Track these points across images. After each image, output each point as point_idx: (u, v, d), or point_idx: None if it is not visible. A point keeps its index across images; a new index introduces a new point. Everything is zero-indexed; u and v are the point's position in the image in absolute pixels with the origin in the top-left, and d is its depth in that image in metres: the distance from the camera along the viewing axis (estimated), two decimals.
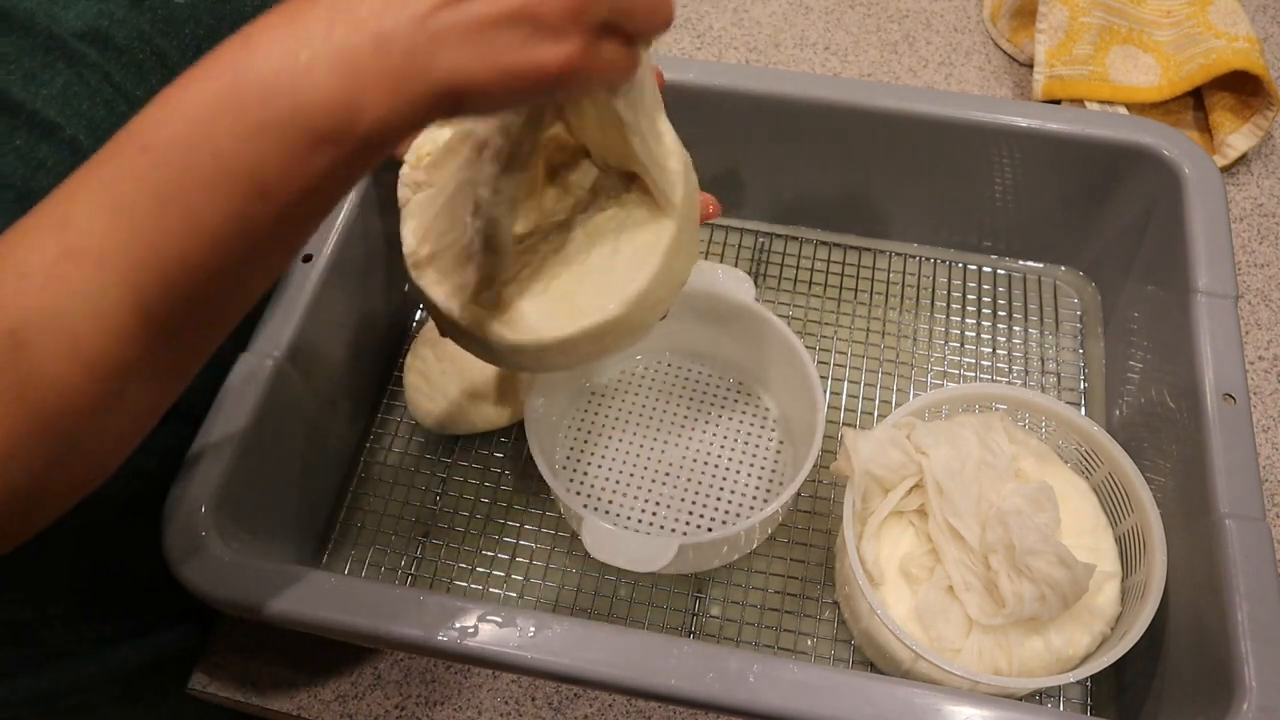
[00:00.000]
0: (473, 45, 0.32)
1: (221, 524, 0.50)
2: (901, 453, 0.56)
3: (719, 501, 0.64)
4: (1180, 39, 0.82)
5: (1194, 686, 0.50)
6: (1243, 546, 0.49)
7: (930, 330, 0.73)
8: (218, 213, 0.32)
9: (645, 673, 0.45)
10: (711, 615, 0.61)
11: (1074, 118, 0.66)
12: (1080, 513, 0.58)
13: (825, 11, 0.92)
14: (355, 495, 0.66)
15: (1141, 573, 0.55)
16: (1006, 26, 0.88)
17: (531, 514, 0.65)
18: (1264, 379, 0.70)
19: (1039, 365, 0.71)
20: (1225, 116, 0.80)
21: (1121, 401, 0.66)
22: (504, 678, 0.59)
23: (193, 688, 0.59)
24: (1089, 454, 0.60)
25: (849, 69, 0.88)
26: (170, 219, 0.31)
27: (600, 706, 0.58)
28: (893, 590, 0.56)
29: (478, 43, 0.32)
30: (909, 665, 0.54)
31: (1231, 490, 0.51)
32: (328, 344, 0.61)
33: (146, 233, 0.31)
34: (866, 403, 0.69)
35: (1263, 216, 0.78)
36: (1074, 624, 0.54)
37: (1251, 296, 0.74)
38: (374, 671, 0.59)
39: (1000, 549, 0.53)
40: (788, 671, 0.45)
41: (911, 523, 0.58)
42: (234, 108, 0.31)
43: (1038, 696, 0.58)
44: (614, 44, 0.34)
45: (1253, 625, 0.47)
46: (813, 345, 0.72)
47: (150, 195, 0.31)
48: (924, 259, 0.76)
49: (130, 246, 0.31)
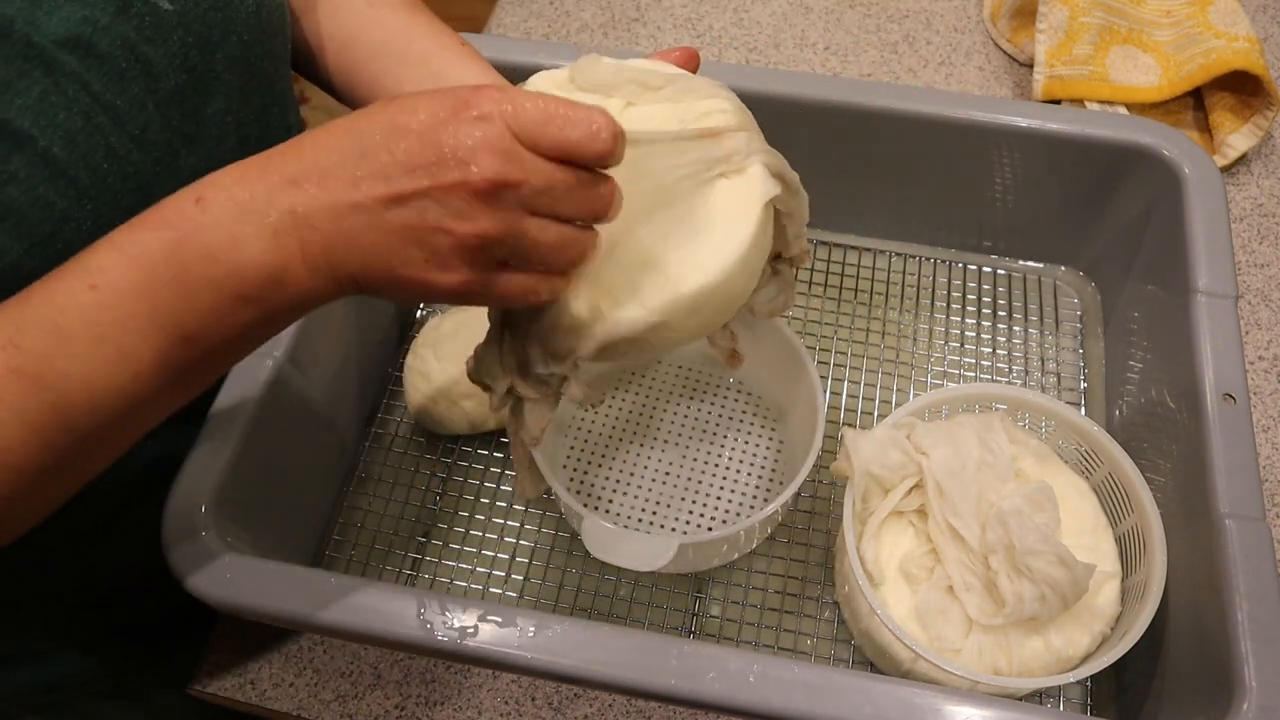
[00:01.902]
0: (377, 251, 0.36)
1: (221, 524, 0.50)
2: (901, 453, 0.56)
3: (719, 501, 0.64)
4: (1180, 39, 0.82)
5: (1194, 686, 0.50)
6: (1243, 546, 0.49)
7: (930, 330, 0.73)
8: (147, 353, 0.35)
9: (645, 673, 0.45)
10: (711, 615, 0.61)
11: (1074, 118, 0.66)
12: (1080, 513, 0.58)
13: (825, 11, 0.92)
14: (355, 495, 0.66)
15: (1141, 573, 0.55)
16: (1006, 26, 0.88)
17: (531, 514, 0.65)
18: (1264, 379, 0.70)
19: (1039, 365, 0.71)
20: (1225, 116, 0.80)
21: (1121, 401, 0.66)
22: (504, 678, 0.59)
23: (192, 688, 0.59)
24: (1089, 454, 0.60)
25: (849, 69, 0.88)
26: (106, 354, 0.35)
27: (600, 706, 0.58)
28: (893, 590, 0.56)
29: (381, 249, 0.36)
30: (909, 665, 0.54)
31: (1231, 490, 0.51)
32: (328, 344, 0.61)
33: (82, 364, 0.35)
34: (866, 403, 0.69)
35: (1263, 216, 0.78)
36: (1074, 624, 0.54)
37: (1251, 296, 0.74)
38: (374, 671, 0.59)
39: (1000, 549, 0.53)
40: (788, 671, 0.45)
41: (911, 523, 0.58)
42: (177, 264, 0.35)
43: (1038, 696, 0.58)
44: (519, 275, 0.38)
45: (1253, 625, 0.47)
46: (813, 345, 0.72)
47: (90, 329, 0.35)
48: (924, 259, 0.76)
49: (67, 375, 0.35)
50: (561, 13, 0.92)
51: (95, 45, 0.41)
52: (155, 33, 0.44)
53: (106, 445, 0.38)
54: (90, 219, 0.42)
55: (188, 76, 0.46)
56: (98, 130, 0.42)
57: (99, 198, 0.42)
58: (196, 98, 0.48)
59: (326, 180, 0.35)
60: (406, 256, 0.36)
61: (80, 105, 0.41)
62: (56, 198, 0.40)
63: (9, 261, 0.39)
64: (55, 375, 0.34)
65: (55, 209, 0.40)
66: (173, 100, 0.46)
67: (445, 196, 0.35)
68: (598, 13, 0.92)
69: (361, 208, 0.35)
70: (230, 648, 0.60)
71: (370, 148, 0.35)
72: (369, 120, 0.36)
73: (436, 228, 0.35)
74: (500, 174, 0.35)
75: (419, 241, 0.36)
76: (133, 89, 0.43)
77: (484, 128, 0.35)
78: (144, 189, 0.44)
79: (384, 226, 0.35)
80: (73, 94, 0.41)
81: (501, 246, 0.36)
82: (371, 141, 0.36)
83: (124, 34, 0.43)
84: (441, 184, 0.35)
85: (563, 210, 0.37)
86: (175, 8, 0.45)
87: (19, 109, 0.39)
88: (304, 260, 0.36)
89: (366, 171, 0.35)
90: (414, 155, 0.35)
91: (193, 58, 0.47)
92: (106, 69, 0.42)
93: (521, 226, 0.36)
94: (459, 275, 0.36)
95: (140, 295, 0.35)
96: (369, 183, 0.35)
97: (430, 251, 0.36)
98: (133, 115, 0.43)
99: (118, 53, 0.42)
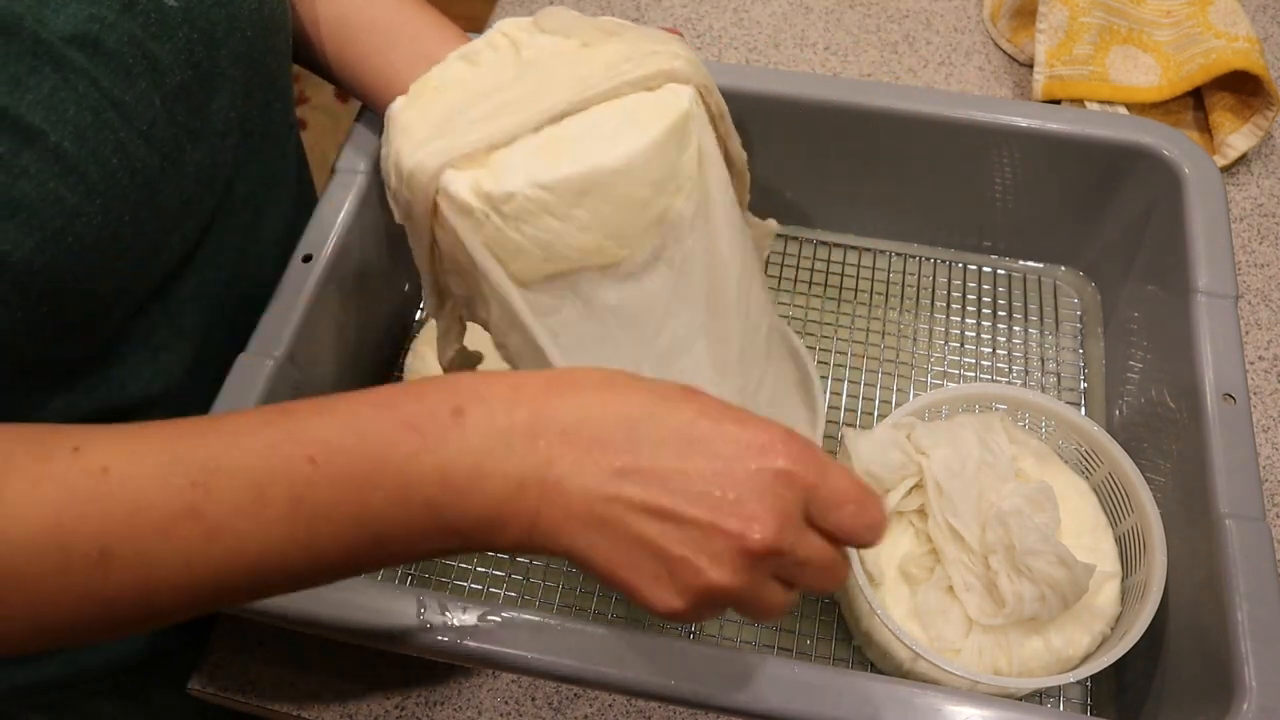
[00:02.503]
0: (613, 547, 0.33)
1: None
2: (901, 453, 0.56)
3: None
4: (1180, 39, 0.82)
5: (1194, 686, 0.50)
6: (1243, 546, 0.49)
7: (930, 330, 0.73)
8: (334, 546, 0.33)
9: (645, 673, 0.45)
10: None
11: (1074, 118, 0.66)
12: (1080, 513, 0.58)
13: (825, 11, 0.92)
14: None
15: (1141, 573, 0.55)
16: (1006, 26, 0.88)
17: None
18: (1264, 379, 0.70)
19: (1039, 365, 0.71)
20: (1225, 116, 0.80)
21: (1121, 401, 0.66)
22: (504, 678, 0.59)
23: (193, 688, 0.59)
24: (1089, 454, 0.60)
25: (849, 69, 0.87)
26: (295, 533, 0.33)
27: (600, 706, 0.58)
28: (893, 590, 0.56)
29: (619, 549, 0.33)
30: (909, 665, 0.54)
31: (1231, 490, 0.51)
32: (328, 344, 0.61)
33: (268, 533, 0.32)
34: (866, 403, 0.69)
35: (1263, 216, 0.78)
36: (1074, 624, 0.54)
37: (1251, 296, 0.74)
38: (374, 671, 0.59)
39: (1000, 549, 0.53)
40: (788, 671, 0.45)
41: (911, 523, 0.58)
42: (407, 476, 0.32)
43: (1038, 696, 0.58)
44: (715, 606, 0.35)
45: (1253, 625, 0.47)
46: (813, 345, 0.72)
47: (290, 504, 0.32)
48: (924, 259, 0.76)
49: (246, 537, 0.32)
50: None
51: (103, 42, 0.42)
52: (161, 29, 0.44)
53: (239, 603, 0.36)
54: (100, 214, 0.42)
55: (193, 73, 0.47)
56: (107, 126, 0.42)
57: (108, 193, 0.42)
58: (201, 94, 0.48)
59: (596, 451, 0.33)
60: (638, 564, 0.33)
61: (89, 101, 0.41)
62: (67, 193, 0.40)
63: (20, 257, 0.39)
64: (233, 536, 0.32)
65: (66, 204, 0.40)
66: (178, 96, 0.46)
67: (714, 537, 0.32)
68: (597, 13, 0.92)
69: (620, 502, 0.32)
70: (230, 648, 0.60)
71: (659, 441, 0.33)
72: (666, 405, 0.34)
73: (687, 560, 0.33)
74: (776, 543, 0.33)
75: (661, 559, 0.33)
76: (140, 85, 0.44)
77: (784, 491, 0.33)
78: (151, 185, 0.44)
79: (635, 531, 0.33)
80: (82, 90, 0.41)
81: (733, 601, 0.34)
82: (661, 433, 0.33)
83: (130, 31, 0.43)
84: (719, 527, 0.32)
85: (803, 581, 0.35)
86: (180, 4, 0.45)
87: (29, 104, 0.39)
88: (533, 522, 0.33)
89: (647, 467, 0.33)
90: (705, 481, 0.32)
91: (198, 54, 0.47)
92: (114, 65, 0.42)
93: (764, 590, 0.34)
94: (678, 604, 0.33)
95: (357, 493, 0.33)
96: (640, 482, 0.32)
97: (667, 574, 0.33)
98: (140, 111, 0.44)
99: (125, 49, 0.43)
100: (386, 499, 0.33)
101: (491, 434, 0.33)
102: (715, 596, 0.33)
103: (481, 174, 0.43)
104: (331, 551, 0.33)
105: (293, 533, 0.33)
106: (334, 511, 0.33)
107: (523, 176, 0.42)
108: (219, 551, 0.32)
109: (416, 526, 0.33)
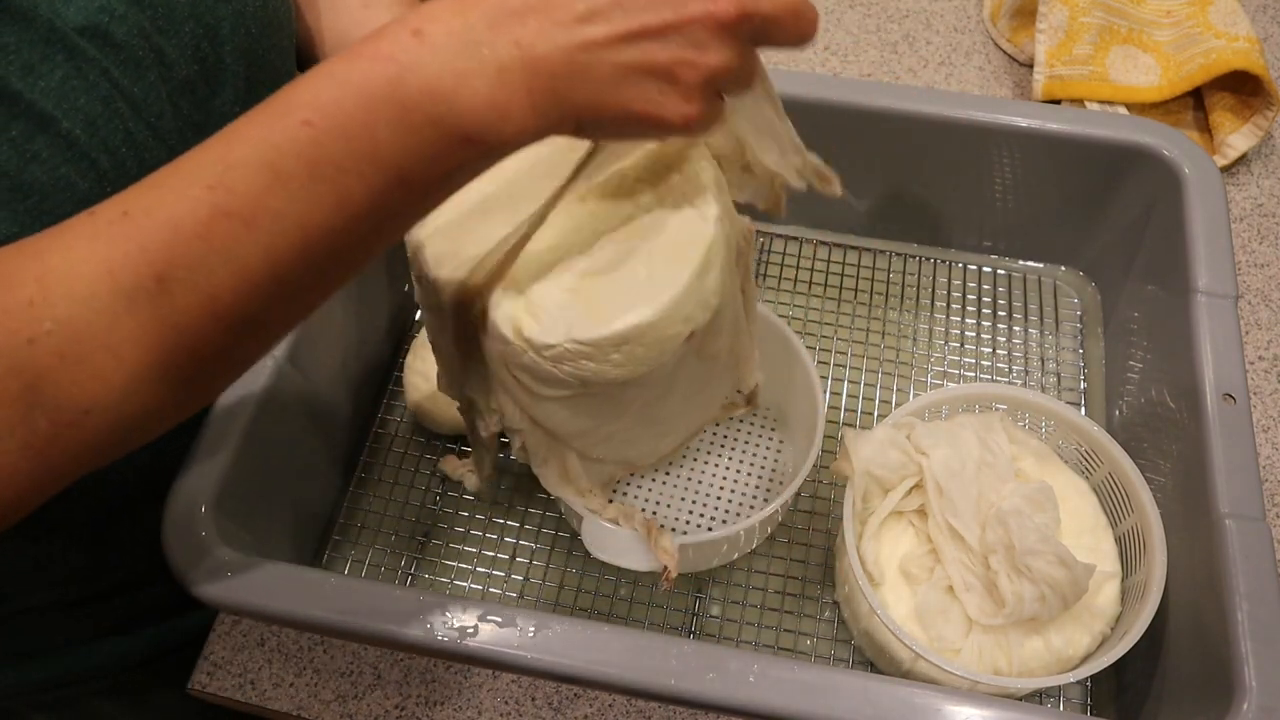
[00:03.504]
0: (611, 85, 0.34)
1: (221, 524, 0.50)
2: (901, 453, 0.56)
3: (719, 501, 0.64)
4: (1180, 39, 0.82)
5: (1194, 686, 0.50)
6: (1243, 546, 0.49)
7: (930, 330, 0.73)
8: (363, 194, 0.34)
9: (645, 673, 0.45)
10: (711, 615, 0.61)
11: (1074, 118, 0.66)
12: (1080, 513, 0.58)
13: (825, 11, 0.92)
14: (355, 495, 0.66)
15: (1141, 573, 0.55)
16: (1006, 26, 0.88)
17: (531, 514, 0.65)
18: (1264, 379, 0.70)
19: (1039, 365, 0.71)
20: (1225, 116, 0.80)
21: (1121, 401, 0.66)
22: (504, 678, 0.59)
23: (192, 687, 0.59)
24: (1089, 454, 0.60)
25: (849, 69, 0.87)
26: (321, 194, 0.33)
27: (600, 706, 0.58)
28: (893, 590, 0.56)
29: (617, 84, 0.34)
30: (909, 665, 0.54)
31: (1231, 490, 0.51)
32: (328, 344, 0.61)
33: (299, 204, 0.33)
34: (866, 403, 0.69)
35: (1263, 216, 0.78)
36: (1074, 624, 0.54)
37: (1251, 296, 0.74)
38: (374, 671, 0.59)
39: (1000, 549, 0.53)
40: (788, 671, 0.45)
41: (911, 523, 0.58)
42: (397, 101, 0.33)
43: (1038, 696, 0.58)
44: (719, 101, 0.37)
45: (1253, 625, 0.47)
46: (813, 345, 0.72)
47: (306, 169, 0.33)
48: (924, 259, 0.76)
49: (281, 215, 0.33)
50: None
51: (112, 34, 0.42)
52: (168, 23, 0.45)
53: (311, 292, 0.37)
54: None
55: (199, 67, 0.47)
56: (117, 115, 0.42)
57: (117, 182, 0.42)
58: (206, 88, 0.48)
59: (552, 13, 0.34)
60: (642, 90, 0.35)
61: (100, 90, 0.42)
62: (78, 179, 0.41)
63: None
64: (268, 217, 0.33)
65: (77, 190, 0.41)
66: (184, 90, 0.47)
67: (688, 29, 0.34)
68: None
69: (595, 44, 0.34)
70: (230, 647, 0.60)
71: None
72: None
73: (678, 60, 0.34)
74: (741, 6, 0.34)
75: (656, 74, 0.34)
76: (148, 77, 0.44)
77: None
78: None
79: (620, 62, 0.34)
80: (93, 79, 0.41)
81: (730, 76, 0.36)
82: None
83: (139, 24, 0.43)
84: (685, 17, 0.34)
85: (780, 37, 0.36)
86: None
87: (42, 91, 0.39)
88: (529, 98, 0.34)
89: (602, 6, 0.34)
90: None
91: (203, 49, 0.47)
92: (124, 57, 0.43)
93: (752, 59, 0.36)
94: (694, 107, 0.35)
95: (361, 133, 0.33)
96: (603, 18, 0.34)
97: (669, 84, 0.35)
98: (149, 103, 0.44)
99: (134, 41, 0.43)
100: (391, 132, 0.33)
101: (454, 38, 0.34)
102: (717, 80, 0.35)
103: (520, 312, 0.43)
104: (363, 203, 0.34)
105: (319, 195, 0.33)
106: (349, 161, 0.33)
107: (563, 330, 0.42)
108: (263, 237, 0.33)
109: (428, 148, 0.34)
